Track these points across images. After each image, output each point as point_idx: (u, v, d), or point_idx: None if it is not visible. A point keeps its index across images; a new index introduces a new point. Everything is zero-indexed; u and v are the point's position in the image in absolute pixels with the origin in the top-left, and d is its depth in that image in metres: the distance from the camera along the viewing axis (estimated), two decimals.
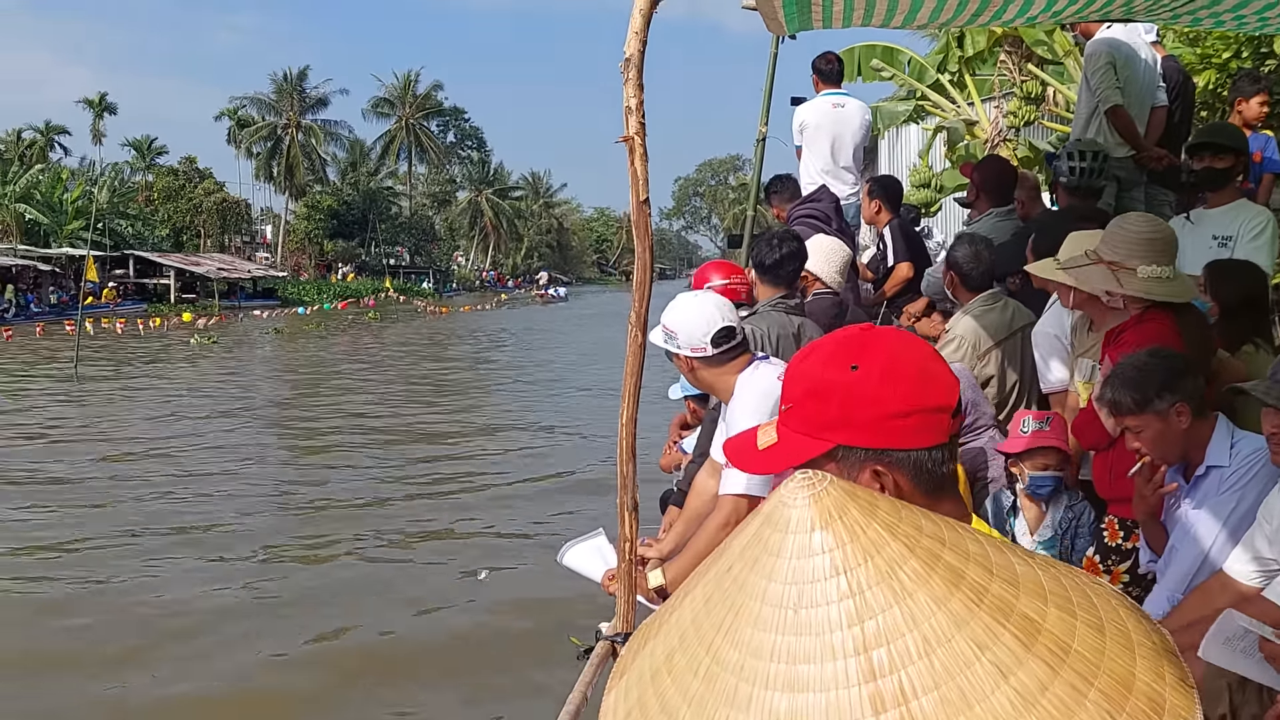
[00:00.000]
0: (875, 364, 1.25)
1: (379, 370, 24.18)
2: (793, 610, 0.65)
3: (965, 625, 0.63)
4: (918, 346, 1.32)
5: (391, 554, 8.72)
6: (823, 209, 5.72)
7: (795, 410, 1.30)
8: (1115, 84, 5.22)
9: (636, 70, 2.32)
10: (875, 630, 0.63)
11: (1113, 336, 3.23)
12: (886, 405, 1.24)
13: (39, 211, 49.09)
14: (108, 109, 73.75)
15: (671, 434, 5.69)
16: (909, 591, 0.64)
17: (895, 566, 0.66)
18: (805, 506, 0.68)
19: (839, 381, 1.26)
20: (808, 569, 0.66)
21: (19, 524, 9.40)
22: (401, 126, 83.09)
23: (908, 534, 0.68)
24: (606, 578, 3.05)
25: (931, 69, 9.66)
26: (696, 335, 3.00)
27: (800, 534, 0.68)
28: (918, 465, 1.25)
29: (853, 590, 0.65)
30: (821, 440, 1.27)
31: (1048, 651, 0.63)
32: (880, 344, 1.29)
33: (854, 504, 0.69)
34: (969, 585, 0.65)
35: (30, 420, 15.59)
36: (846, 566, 0.66)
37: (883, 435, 1.25)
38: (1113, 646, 0.65)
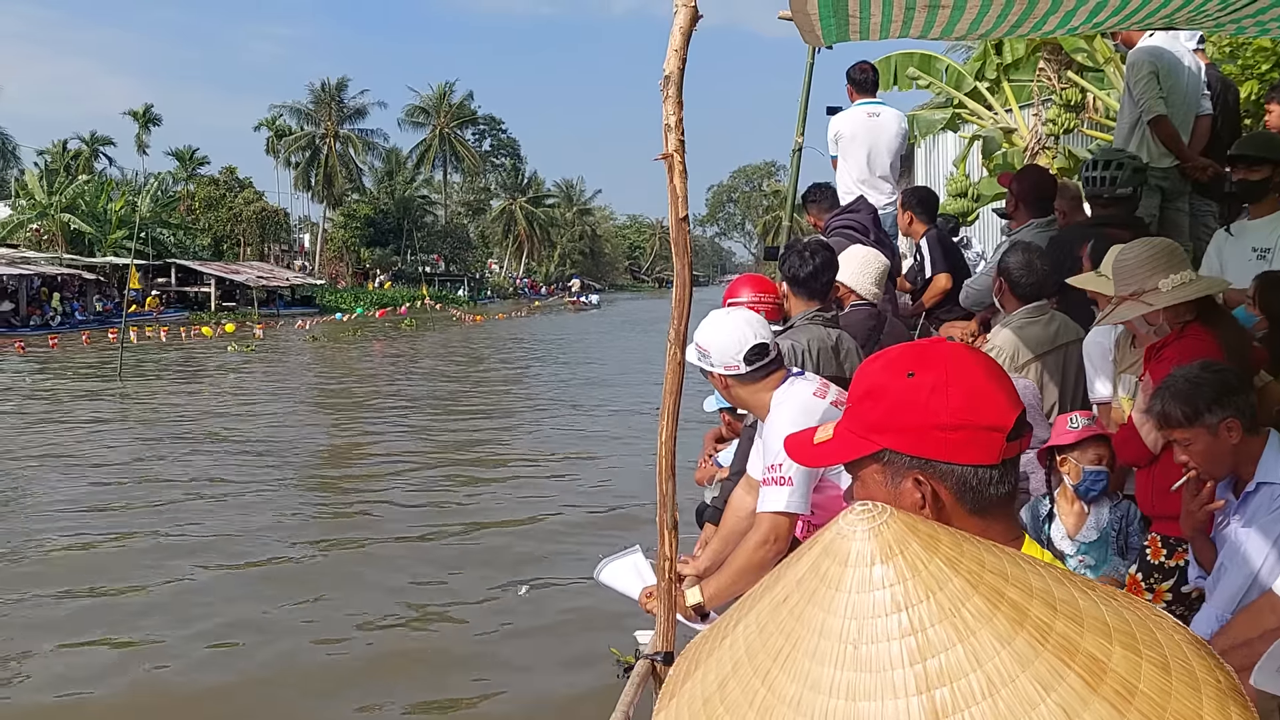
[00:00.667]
0: (930, 374, 1.27)
1: (416, 379, 24.34)
2: (852, 645, 0.64)
3: (1030, 665, 0.62)
4: (983, 364, 1.33)
5: (429, 566, 8.76)
6: (861, 219, 5.69)
7: (851, 410, 1.35)
8: (1158, 94, 5.15)
9: (676, 88, 2.32)
10: (938, 669, 0.62)
11: (1153, 352, 3.21)
12: (935, 415, 1.25)
13: (84, 221, 49.95)
14: (152, 120, 74.91)
15: (706, 447, 5.67)
16: (972, 630, 0.63)
17: (958, 603, 0.65)
18: (866, 539, 0.68)
19: (892, 386, 1.29)
20: (868, 604, 0.65)
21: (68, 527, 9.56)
22: (436, 135, 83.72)
23: (970, 569, 0.67)
24: (644, 595, 3.04)
25: (969, 76, 9.57)
26: (730, 353, 2.99)
27: (860, 567, 0.67)
28: (962, 481, 1.26)
29: (914, 627, 0.64)
30: (869, 441, 1.30)
31: (1114, 693, 0.62)
32: (941, 356, 1.30)
33: (916, 538, 0.68)
34: (1033, 623, 0.64)
35: (75, 424, 15.83)
36: (908, 602, 0.65)
37: (928, 445, 1.26)
38: (1179, 686, 0.63)
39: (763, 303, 4.41)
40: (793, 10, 3.87)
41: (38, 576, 8.16)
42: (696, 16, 2.36)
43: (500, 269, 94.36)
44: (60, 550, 8.95)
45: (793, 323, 4.08)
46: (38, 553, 8.85)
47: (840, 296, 4.59)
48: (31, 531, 9.50)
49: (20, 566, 8.46)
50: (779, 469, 2.83)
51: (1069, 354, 4.15)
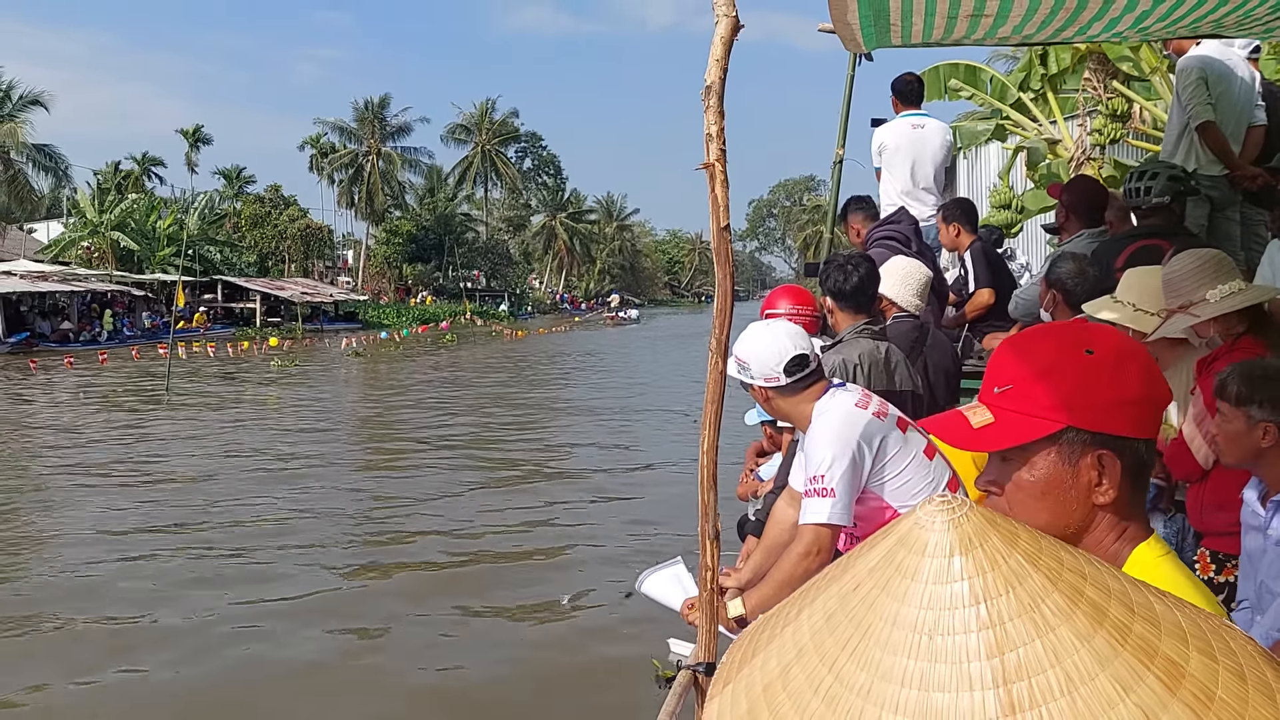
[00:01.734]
0: (1110, 349, 1.27)
1: (460, 392, 24.49)
2: (928, 636, 0.64)
3: (1109, 664, 0.61)
4: (1137, 344, 1.35)
5: (471, 576, 8.81)
6: (902, 230, 5.65)
7: (1018, 391, 1.30)
8: (1207, 100, 5.08)
9: (717, 98, 2.31)
10: (1016, 663, 0.62)
11: (1204, 365, 3.18)
12: (1122, 390, 1.26)
13: (133, 239, 50.94)
14: (202, 139, 76.28)
15: (748, 461, 5.64)
16: (1052, 626, 0.63)
17: (1038, 599, 0.64)
18: (945, 530, 0.67)
19: (1074, 363, 1.27)
20: (945, 595, 0.65)
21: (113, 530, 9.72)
22: (478, 153, 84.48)
23: (1050, 566, 0.67)
24: (686, 607, 3.03)
25: (1013, 87, 9.49)
26: (769, 365, 2.97)
27: (939, 558, 0.66)
28: (1137, 456, 1.27)
29: (993, 620, 0.63)
30: (1050, 420, 1.27)
31: (1192, 697, 0.61)
32: (1109, 333, 1.32)
33: (995, 532, 0.67)
34: (1112, 623, 0.64)
35: (122, 439, 16.12)
36: (987, 595, 0.64)
37: (1114, 420, 1.26)
38: (1255, 695, 0.63)
39: (800, 315, 4.38)
40: (833, 19, 3.86)
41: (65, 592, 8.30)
42: (738, 26, 2.35)
43: (541, 284, 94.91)
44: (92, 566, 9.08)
45: (841, 337, 4.04)
46: (75, 570, 8.99)
47: (882, 309, 4.54)
48: (67, 546, 9.67)
49: (52, 582, 8.61)
50: (820, 480, 2.80)
51: None
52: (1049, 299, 4.27)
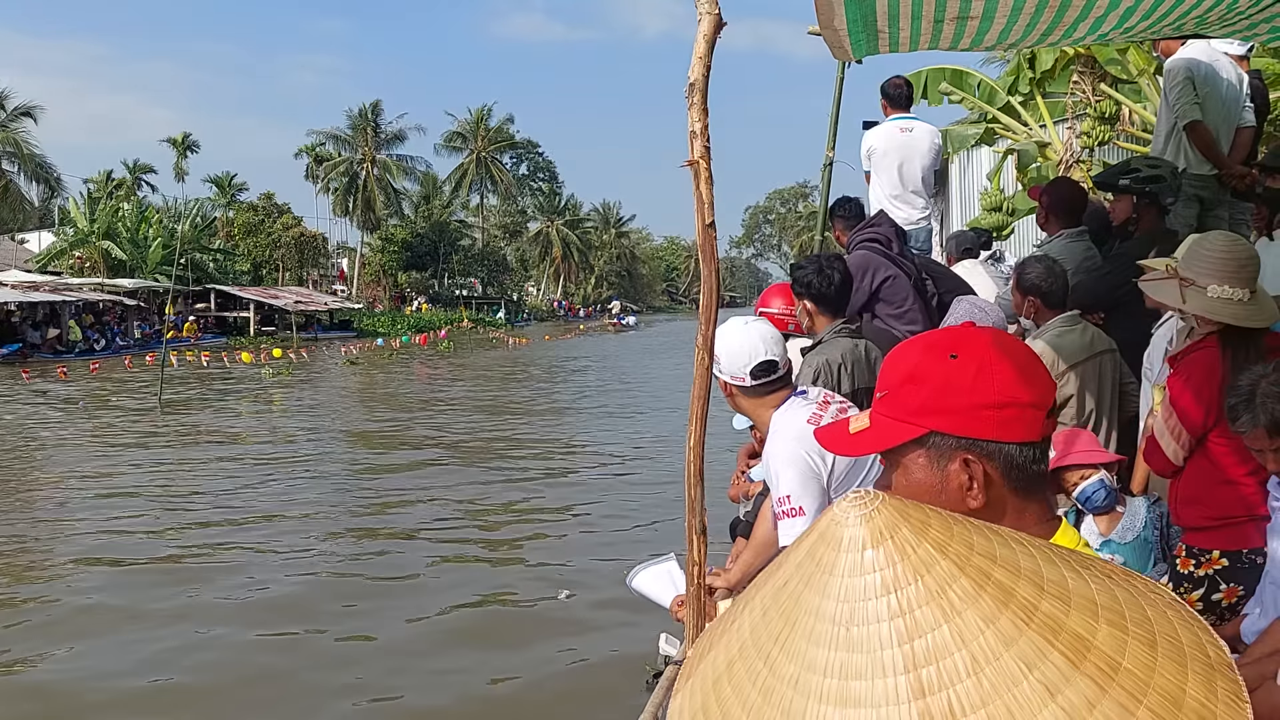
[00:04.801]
0: (974, 354, 1.28)
1: (465, 396, 24.48)
2: (845, 627, 0.67)
3: (1013, 644, 0.64)
4: (1018, 344, 1.36)
5: (472, 573, 8.85)
6: (883, 233, 5.67)
7: (890, 396, 1.33)
8: (1194, 99, 5.12)
9: (701, 95, 2.34)
10: (925, 648, 0.65)
11: (1174, 363, 3.19)
12: (982, 394, 1.26)
13: (123, 248, 50.83)
14: (190, 147, 76.27)
15: (739, 463, 5.66)
16: (958, 610, 0.66)
17: (945, 585, 0.67)
18: (858, 525, 0.70)
19: (937, 368, 1.29)
20: (860, 587, 0.68)
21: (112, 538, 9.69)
22: (473, 160, 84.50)
23: (959, 552, 0.69)
24: (676, 604, 3.04)
25: (1002, 91, 9.54)
26: (738, 364, 2.99)
27: (853, 552, 0.69)
28: (1008, 459, 1.27)
29: (903, 609, 0.66)
30: (914, 425, 1.29)
31: (1096, 669, 0.63)
32: (981, 338, 1.32)
33: (905, 523, 0.70)
34: (1018, 603, 0.66)
35: (113, 449, 16.08)
36: (897, 585, 0.67)
37: (976, 424, 1.27)
38: (1164, 662, 0.65)
39: (792, 315, 4.41)
40: (821, 27, 3.89)
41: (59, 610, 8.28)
42: (720, 24, 2.38)
43: (538, 291, 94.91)
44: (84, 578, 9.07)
45: (821, 338, 4.07)
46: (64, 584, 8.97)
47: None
48: (58, 554, 9.65)
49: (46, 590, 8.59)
50: (787, 500, 2.82)
51: (1103, 363, 4.12)
52: (1027, 306, 4.28)
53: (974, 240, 7.11)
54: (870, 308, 5.48)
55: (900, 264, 5.54)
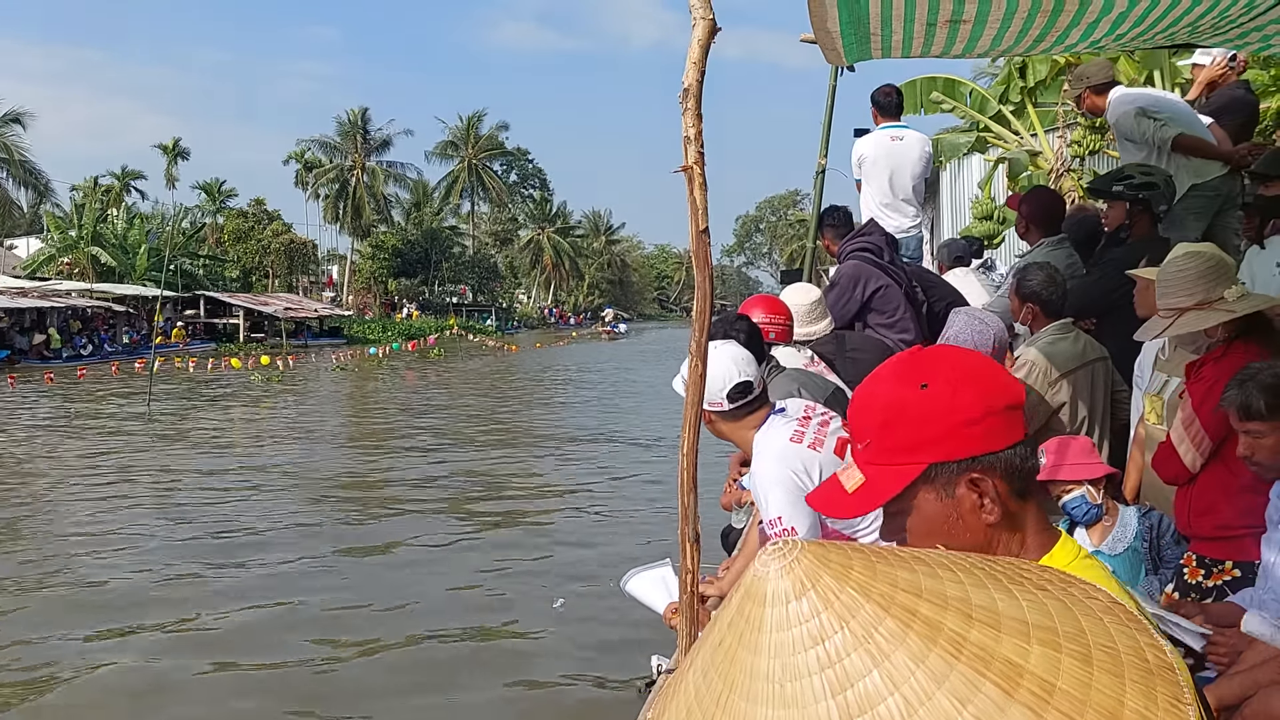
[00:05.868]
0: (942, 376, 1.26)
1: (455, 403, 24.43)
2: (779, 684, 0.66)
3: (944, 680, 0.63)
4: (973, 353, 1.35)
5: (465, 577, 8.84)
6: (874, 241, 5.68)
7: (875, 444, 1.30)
8: (1159, 123, 5.16)
9: (695, 100, 2.31)
10: (857, 698, 0.63)
11: (1192, 370, 3.18)
12: (964, 412, 1.25)
13: (112, 254, 50.63)
14: (180, 154, 76.08)
15: (731, 471, 5.64)
16: (886, 653, 0.64)
17: (870, 629, 0.66)
18: (779, 577, 0.69)
19: (913, 401, 1.27)
20: (789, 641, 0.67)
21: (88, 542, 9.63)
22: (464, 167, 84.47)
23: (882, 592, 0.68)
24: (669, 611, 3.01)
25: (993, 100, 9.57)
26: (713, 389, 2.93)
27: (778, 606, 0.68)
28: (1008, 465, 1.26)
29: (831, 659, 0.65)
30: (912, 465, 1.27)
31: (1031, 696, 0.62)
32: (939, 358, 1.31)
33: (826, 569, 0.69)
34: (947, 637, 0.65)
35: (107, 451, 15.99)
36: (824, 635, 0.66)
37: (970, 442, 1.25)
38: (1100, 676, 0.64)
39: (774, 324, 4.40)
40: (814, 30, 3.88)
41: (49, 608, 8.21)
42: (715, 30, 2.36)
43: (529, 299, 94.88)
44: (72, 583, 9.00)
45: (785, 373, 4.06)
46: (54, 584, 8.90)
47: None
48: (47, 560, 9.58)
49: (38, 595, 8.52)
50: (779, 522, 2.79)
51: (1095, 371, 4.11)
52: (1025, 313, 4.28)
53: (966, 249, 7.12)
54: (862, 317, 5.48)
55: (891, 273, 5.55)
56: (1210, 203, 5.20)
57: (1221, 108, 5.78)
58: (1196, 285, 3.12)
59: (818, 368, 4.31)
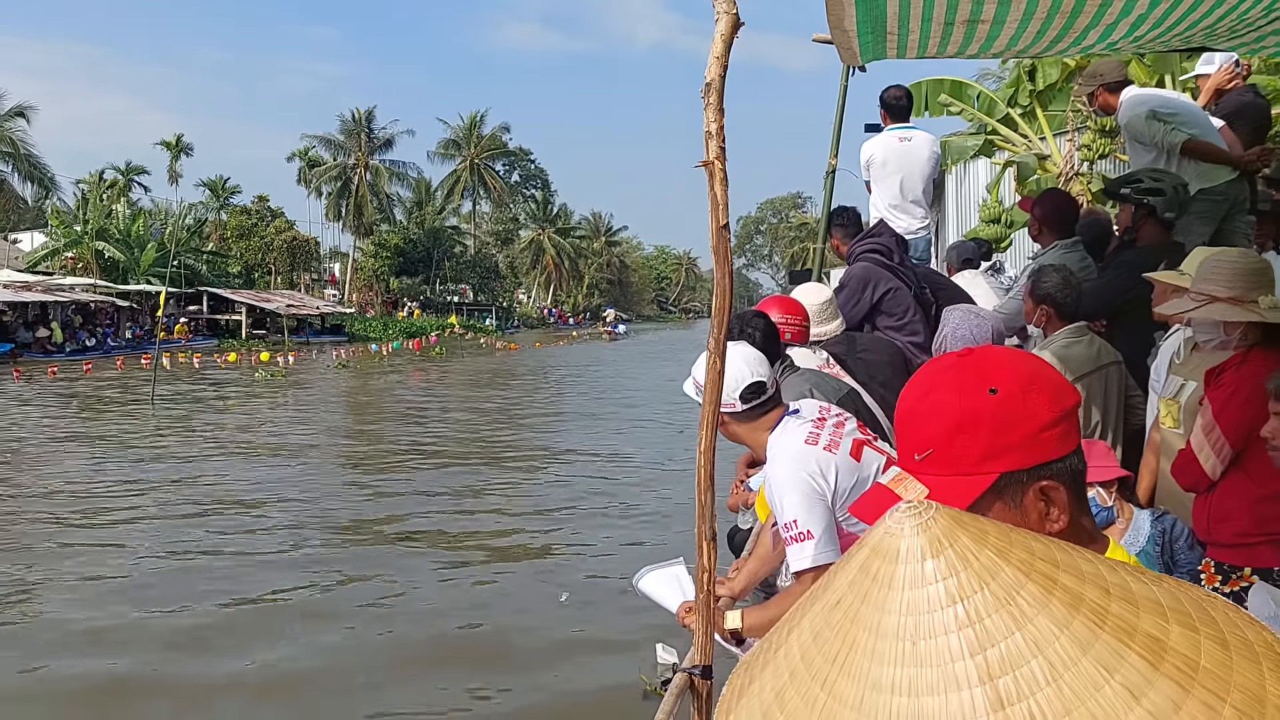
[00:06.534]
0: (1012, 381, 1.22)
1: (457, 400, 24.42)
2: (911, 642, 0.64)
3: (1090, 648, 0.62)
4: (1024, 353, 1.33)
5: (470, 573, 8.85)
6: (884, 243, 5.66)
7: (941, 454, 1.24)
8: (1169, 128, 5.14)
9: (717, 95, 2.30)
10: (999, 658, 0.62)
11: (1212, 377, 3.16)
12: (1039, 418, 1.21)
13: (117, 249, 50.66)
14: (184, 150, 76.17)
15: (738, 472, 5.61)
16: (1029, 616, 0.64)
17: (1012, 592, 0.65)
18: (914, 535, 0.68)
19: (985, 409, 1.22)
20: (923, 599, 0.66)
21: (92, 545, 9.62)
22: (466, 167, 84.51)
23: (1021, 558, 0.67)
24: (683, 610, 2.99)
25: (1001, 103, 9.55)
26: (726, 390, 2.82)
27: (912, 563, 0.67)
28: (1073, 471, 1.24)
29: (971, 618, 0.64)
30: (982, 475, 1.22)
31: (1176, 670, 0.61)
32: (998, 361, 1.26)
33: (964, 531, 0.68)
34: (1089, 607, 0.64)
35: (113, 443, 15.99)
36: (963, 594, 0.65)
37: (1041, 450, 1.21)
38: (1240, 661, 0.63)
39: (789, 324, 4.38)
40: (831, 29, 3.87)
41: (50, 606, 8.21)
42: (738, 24, 2.35)
43: (529, 299, 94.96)
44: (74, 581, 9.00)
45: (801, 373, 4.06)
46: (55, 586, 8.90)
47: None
48: (48, 560, 9.58)
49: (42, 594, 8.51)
50: (794, 525, 2.75)
51: (1109, 375, 4.09)
52: (1039, 315, 4.26)
53: (974, 251, 7.11)
54: (871, 319, 5.46)
55: (901, 275, 5.53)
56: (1217, 207, 5.18)
57: (1233, 112, 5.77)
58: (1236, 281, 3.11)
59: (832, 369, 4.30)
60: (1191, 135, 5.14)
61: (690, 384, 3.04)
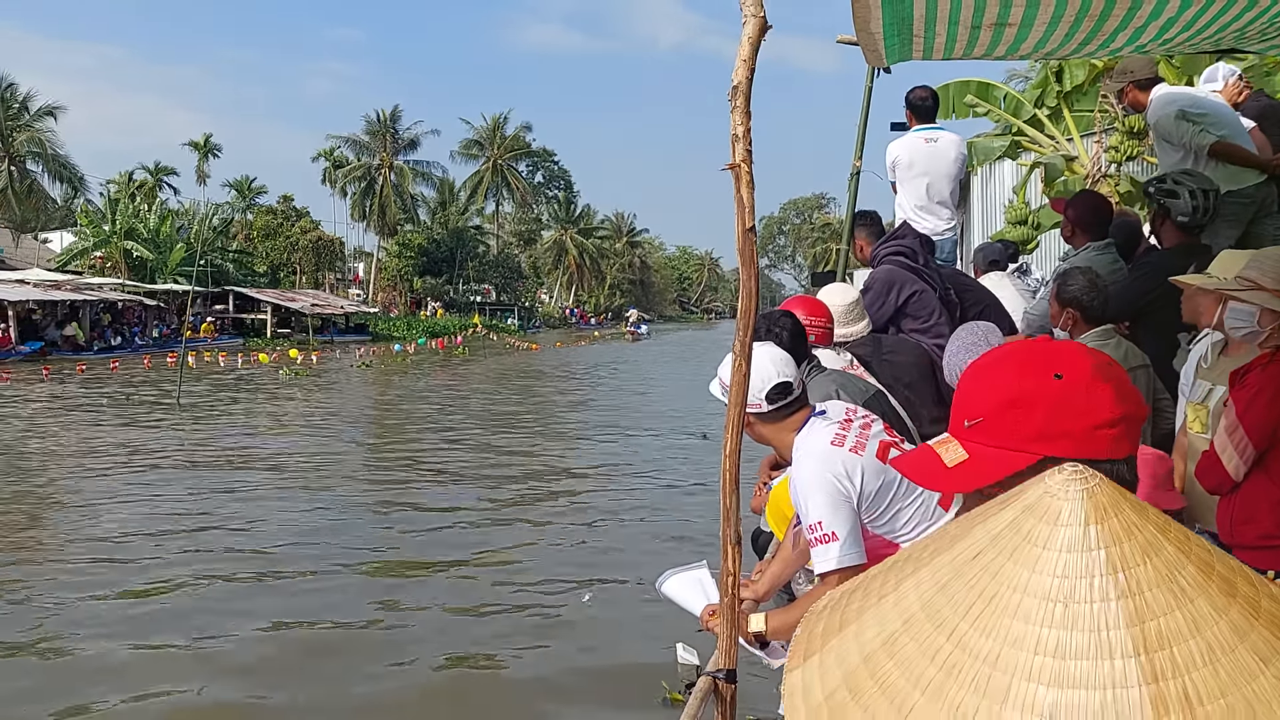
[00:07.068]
0: (1080, 372, 1.22)
1: (481, 402, 24.51)
2: (1063, 604, 0.65)
3: (1246, 637, 0.63)
4: (1105, 356, 1.29)
5: (490, 573, 8.87)
6: (908, 244, 5.63)
7: (989, 423, 1.24)
8: (1198, 128, 5.09)
9: (744, 98, 2.30)
10: (1157, 632, 0.63)
11: (1237, 377, 3.14)
12: (1096, 414, 1.20)
13: (144, 248, 51.15)
14: (211, 151, 76.82)
15: (762, 474, 5.59)
16: (1190, 597, 0.64)
17: (1174, 570, 0.66)
18: (1079, 499, 0.68)
19: (1045, 390, 1.22)
20: (1081, 563, 0.66)
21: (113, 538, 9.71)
22: (489, 167, 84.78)
23: (1180, 539, 0.68)
24: (706, 613, 2.98)
25: (1028, 104, 9.49)
26: (752, 390, 2.83)
27: (1072, 527, 0.67)
28: (1120, 478, 1.21)
29: (1132, 589, 0.64)
30: (1026, 453, 1.21)
31: None
32: (1075, 353, 1.26)
33: (1127, 503, 0.69)
34: (1243, 597, 0.66)
35: (138, 443, 16.15)
36: (1125, 563, 0.65)
37: (1092, 446, 1.20)
38: None
39: (815, 325, 4.37)
40: (856, 30, 3.85)
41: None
42: (765, 27, 2.34)
43: (551, 299, 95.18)
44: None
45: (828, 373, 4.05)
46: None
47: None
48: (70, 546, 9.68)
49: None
50: (819, 527, 2.73)
51: (1137, 379, 4.06)
52: (1066, 318, 4.23)
53: (1001, 253, 7.06)
54: (896, 322, 5.44)
55: (926, 277, 5.50)
56: (1244, 209, 5.13)
57: (1260, 114, 5.71)
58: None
59: (857, 370, 4.29)
60: (1220, 137, 5.10)
61: (716, 384, 3.03)
